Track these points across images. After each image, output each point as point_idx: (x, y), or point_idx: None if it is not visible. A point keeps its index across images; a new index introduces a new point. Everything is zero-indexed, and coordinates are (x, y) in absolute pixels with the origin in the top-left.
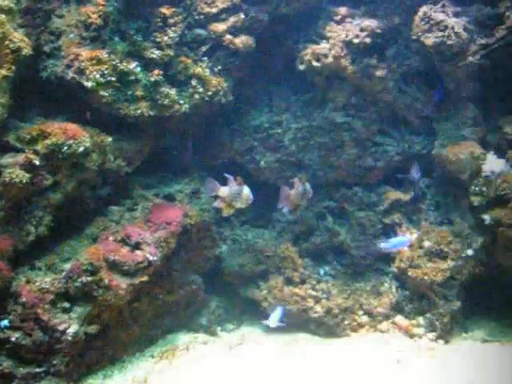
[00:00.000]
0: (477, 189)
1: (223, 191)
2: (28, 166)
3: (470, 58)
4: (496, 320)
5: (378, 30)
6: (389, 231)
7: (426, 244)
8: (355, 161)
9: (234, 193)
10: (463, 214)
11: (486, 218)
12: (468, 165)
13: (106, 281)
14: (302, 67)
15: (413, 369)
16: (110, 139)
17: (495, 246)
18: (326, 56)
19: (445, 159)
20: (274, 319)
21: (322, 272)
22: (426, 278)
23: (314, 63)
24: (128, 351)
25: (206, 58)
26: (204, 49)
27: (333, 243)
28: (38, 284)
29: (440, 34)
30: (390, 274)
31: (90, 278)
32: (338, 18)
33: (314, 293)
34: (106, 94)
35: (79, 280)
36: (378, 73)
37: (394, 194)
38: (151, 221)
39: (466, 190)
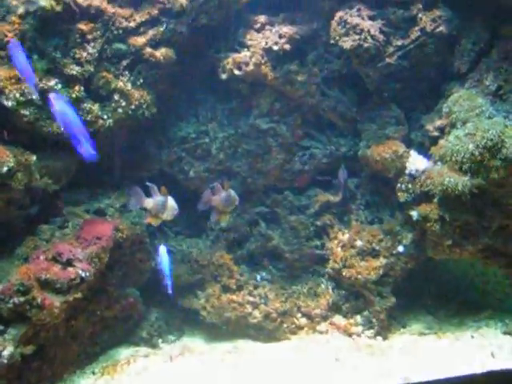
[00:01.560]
0: (403, 186)
1: (148, 203)
2: None
3: (388, 60)
4: (432, 313)
5: (297, 36)
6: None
7: (358, 243)
8: (283, 165)
9: (159, 204)
10: (392, 212)
11: (414, 214)
12: (393, 163)
13: (39, 300)
14: (224, 76)
15: (351, 366)
16: (34, 158)
17: (425, 241)
18: (247, 64)
19: (370, 159)
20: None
21: (258, 277)
22: (359, 276)
23: (236, 72)
24: (68, 370)
25: (127, 72)
26: (125, 63)
27: (267, 248)
28: None
29: (357, 37)
30: (325, 275)
31: (22, 299)
32: (257, 26)
33: (251, 298)
34: (28, 113)
35: (11, 301)
36: (300, 78)
37: (324, 197)
38: (82, 237)
39: (393, 188)
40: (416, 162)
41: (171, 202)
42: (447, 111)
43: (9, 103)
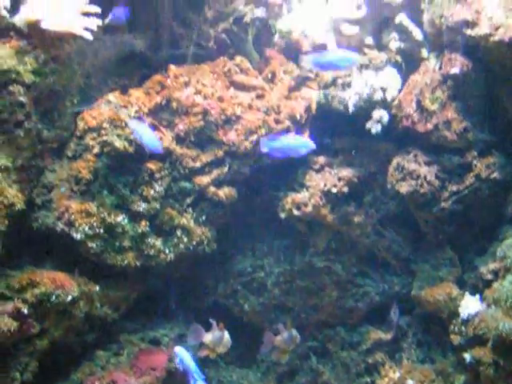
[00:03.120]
0: (456, 328)
1: (207, 337)
2: (16, 315)
3: (443, 204)
4: None
5: (355, 179)
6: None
7: (409, 383)
8: (337, 302)
9: (217, 338)
10: (444, 352)
11: (467, 356)
12: (446, 305)
13: None
14: (283, 215)
15: None
16: (97, 288)
17: None
18: (305, 205)
19: (423, 300)
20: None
21: None
22: None
23: (295, 212)
24: None
25: (190, 209)
26: (189, 200)
27: (317, 382)
28: None
29: (413, 182)
30: None
31: None
32: (316, 166)
33: None
34: (94, 246)
35: None
36: (356, 219)
37: (376, 334)
38: (137, 366)
39: (446, 329)
40: (470, 305)
41: (227, 335)
42: (502, 255)
43: (78, 236)
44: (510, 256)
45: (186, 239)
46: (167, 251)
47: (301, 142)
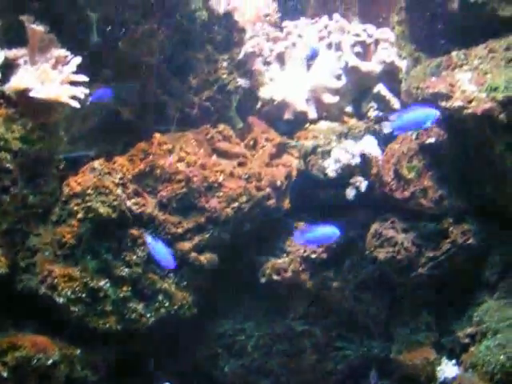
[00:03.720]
0: None
1: None
2: None
3: (420, 270)
4: None
5: (334, 245)
6: None
7: None
8: (316, 365)
9: None
10: None
11: None
12: (424, 369)
13: None
14: (263, 280)
15: None
16: (78, 352)
17: None
18: (285, 270)
19: (402, 363)
20: None
21: None
22: None
23: (275, 277)
24: None
25: (172, 274)
26: None
27: None
28: None
29: (390, 249)
30: None
31: None
32: None
33: None
34: (77, 310)
35: None
36: (335, 284)
37: None
38: None
39: None
40: (447, 369)
41: None
42: (478, 320)
43: (60, 300)
44: (486, 321)
45: (167, 303)
46: (148, 315)
47: (330, 232)
